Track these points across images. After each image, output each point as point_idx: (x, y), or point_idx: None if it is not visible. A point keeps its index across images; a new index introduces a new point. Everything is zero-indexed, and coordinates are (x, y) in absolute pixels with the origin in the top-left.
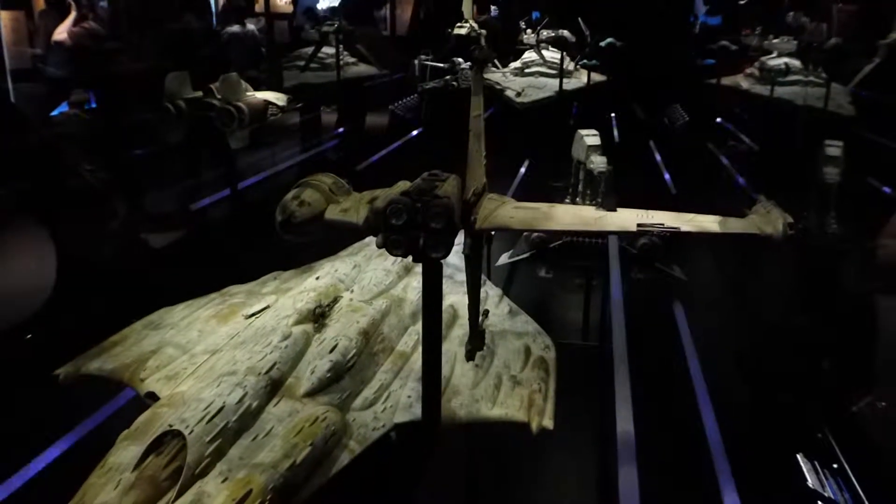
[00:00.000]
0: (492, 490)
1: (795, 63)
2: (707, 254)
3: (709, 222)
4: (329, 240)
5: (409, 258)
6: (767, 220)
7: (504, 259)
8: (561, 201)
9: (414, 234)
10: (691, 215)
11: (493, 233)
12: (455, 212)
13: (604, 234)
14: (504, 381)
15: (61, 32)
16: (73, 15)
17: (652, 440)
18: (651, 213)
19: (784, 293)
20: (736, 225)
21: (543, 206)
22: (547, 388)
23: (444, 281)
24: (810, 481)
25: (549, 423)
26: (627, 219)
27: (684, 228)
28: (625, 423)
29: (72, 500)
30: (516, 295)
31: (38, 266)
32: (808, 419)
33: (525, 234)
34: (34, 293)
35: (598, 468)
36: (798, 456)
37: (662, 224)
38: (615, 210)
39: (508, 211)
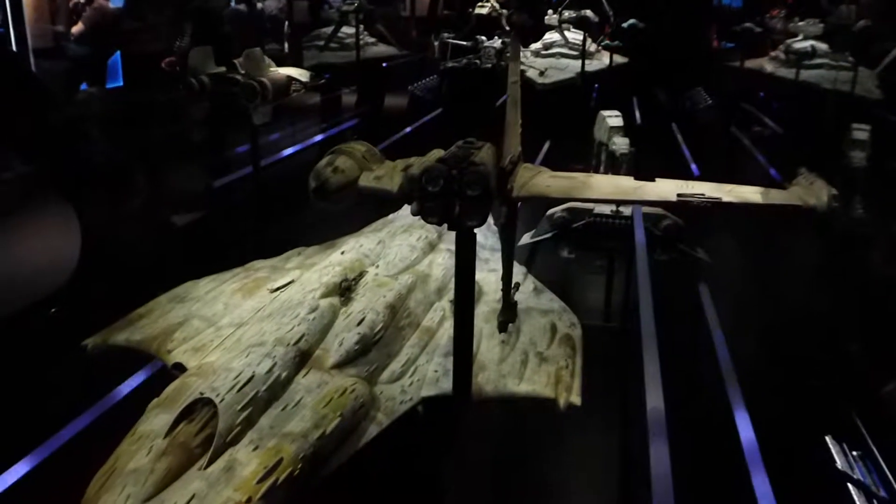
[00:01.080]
0: (515, 466)
1: (822, 46)
2: (730, 236)
3: (750, 193)
4: (351, 216)
5: (434, 235)
6: (811, 191)
7: (526, 239)
8: None
9: (450, 202)
10: (732, 186)
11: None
12: (491, 179)
13: (642, 204)
14: (531, 357)
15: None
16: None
17: (679, 421)
18: (691, 183)
19: (810, 277)
20: (778, 196)
21: (581, 175)
22: (574, 364)
23: None
24: (839, 463)
25: (576, 399)
26: (667, 189)
27: (725, 199)
28: (655, 399)
29: (104, 466)
30: (538, 275)
31: (63, 242)
32: (837, 402)
33: (548, 213)
34: (59, 268)
35: (621, 446)
36: (827, 438)
37: (703, 194)
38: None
39: (545, 180)
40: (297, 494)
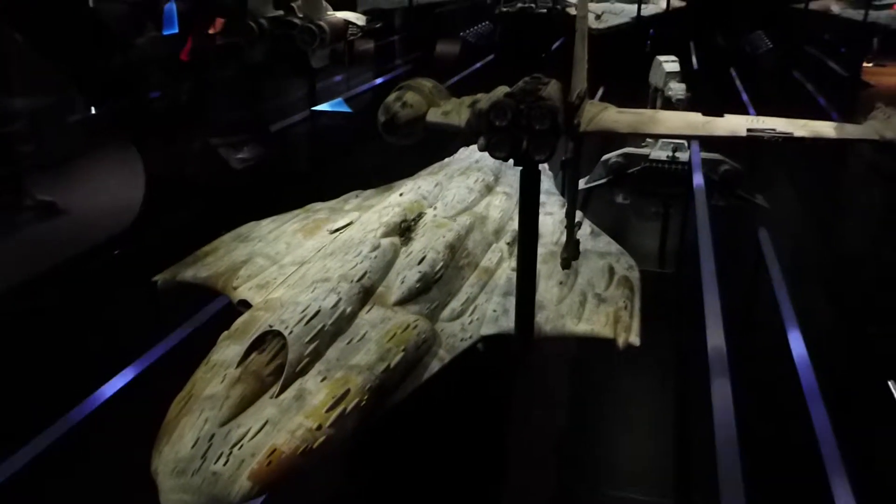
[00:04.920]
0: (570, 404)
1: None
2: (789, 183)
3: (824, 127)
4: (406, 161)
5: (491, 178)
6: (888, 125)
7: (581, 184)
8: None
9: (517, 136)
10: (804, 121)
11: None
12: (559, 113)
13: (711, 140)
14: (589, 298)
15: None
16: None
17: (739, 362)
18: (762, 118)
19: (871, 223)
20: (854, 131)
21: (648, 111)
22: (632, 305)
23: None
24: None
25: (635, 339)
26: (737, 123)
27: (798, 134)
28: (716, 339)
29: (181, 392)
30: (592, 221)
31: (129, 182)
32: None
33: (602, 159)
34: (126, 208)
35: (676, 388)
36: (889, 383)
37: (774, 129)
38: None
39: (612, 115)
40: (364, 424)
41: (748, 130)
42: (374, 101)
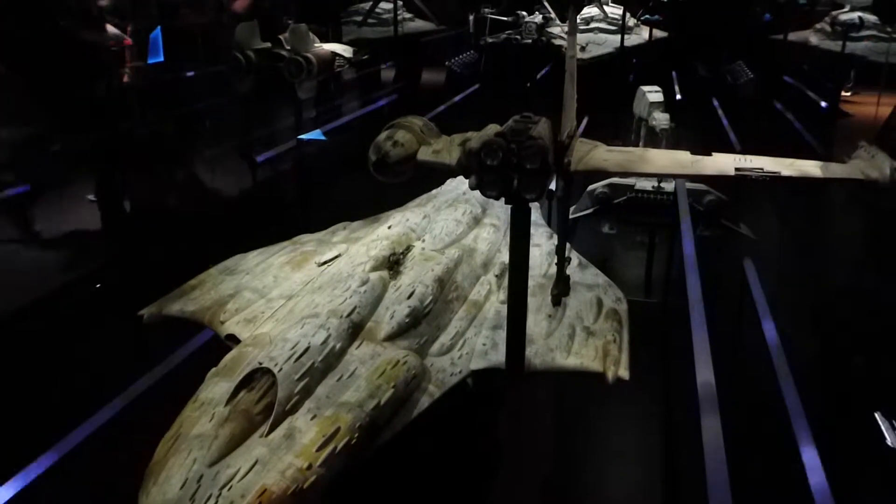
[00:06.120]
0: (560, 437)
1: (870, 17)
2: (774, 212)
3: (810, 167)
4: (393, 192)
5: (479, 210)
6: (872, 164)
7: None
8: None
9: (508, 175)
10: (791, 160)
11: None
12: (549, 153)
13: (700, 178)
14: (578, 331)
15: None
16: None
17: (728, 396)
18: (749, 157)
19: (856, 252)
20: (839, 170)
21: (637, 149)
22: (621, 338)
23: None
24: (889, 440)
25: (624, 373)
26: (725, 163)
27: (784, 173)
28: (705, 374)
29: (169, 432)
30: (578, 251)
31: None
32: (886, 377)
33: (588, 189)
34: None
35: (665, 420)
36: (876, 415)
37: (762, 168)
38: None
39: (602, 154)
40: (354, 462)
41: (736, 170)
42: (361, 131)
